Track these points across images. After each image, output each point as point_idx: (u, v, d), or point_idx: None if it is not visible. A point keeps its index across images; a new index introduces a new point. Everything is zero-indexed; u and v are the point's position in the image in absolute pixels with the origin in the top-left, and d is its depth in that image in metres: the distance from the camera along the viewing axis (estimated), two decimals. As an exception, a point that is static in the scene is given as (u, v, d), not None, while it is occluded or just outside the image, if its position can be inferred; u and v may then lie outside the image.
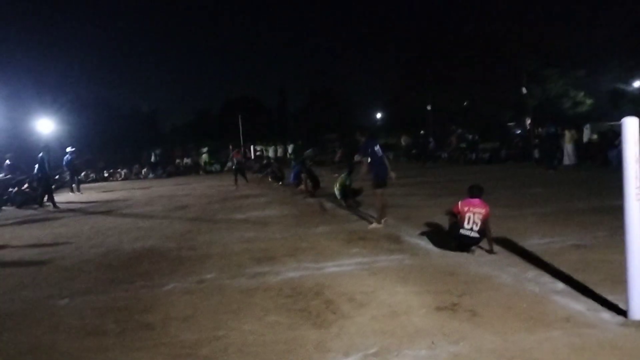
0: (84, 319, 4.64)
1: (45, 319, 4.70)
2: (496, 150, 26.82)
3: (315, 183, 14.46)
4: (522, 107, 30.48)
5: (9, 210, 15.15)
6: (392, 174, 8.63)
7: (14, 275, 6.59)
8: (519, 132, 33.39)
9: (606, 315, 4.03)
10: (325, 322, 4.20)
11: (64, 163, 20.69)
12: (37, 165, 15.12)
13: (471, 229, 6.14)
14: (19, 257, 7.77)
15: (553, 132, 20.75)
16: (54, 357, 3.78)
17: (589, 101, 30.19)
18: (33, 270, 6.76)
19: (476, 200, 6.30)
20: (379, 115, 51.62)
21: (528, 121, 29.29)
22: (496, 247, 6.34)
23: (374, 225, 8.52)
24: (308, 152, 21.50)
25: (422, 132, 31.70)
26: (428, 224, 8.38)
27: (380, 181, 8.47)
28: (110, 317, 4.63)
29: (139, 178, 30.19)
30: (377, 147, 8.54)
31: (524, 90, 26.88)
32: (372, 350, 3.59)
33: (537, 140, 24.42)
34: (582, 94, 30.09)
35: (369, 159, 8.43)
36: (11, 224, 11.91)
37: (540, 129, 27.02)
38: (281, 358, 3.54)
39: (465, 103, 37.29)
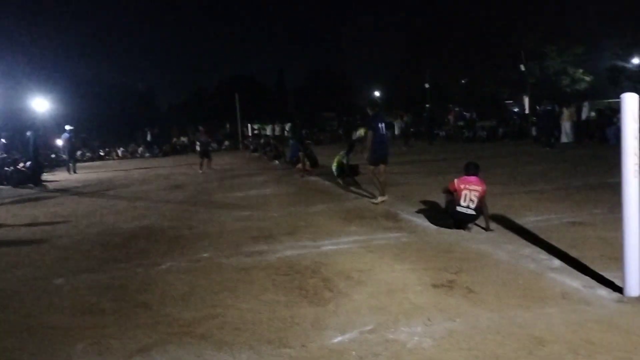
0: (81, 297, 4.63)
1: (42, 297, 4.70)
2: (494, 129, 26.74)
3: (313, 162, 14.44)
4: (521, 85, 30.28)
5: (5, 189, 15.10)
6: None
7: (10, 254, 6.57)
8: (516, 110, 33.23)
9: (602, 292, 4.04)
10: (322, 300, 4.21)
11: (63, 142, 20.59)
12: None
13: (467, 207, 6.14)
14: (15, 236, 7.75)
15: (551, 109, 20.68)
16: (51, 336, 3.77)
17: (587, 78, 29.98)
18: (29, 249, 6.75)
19: (473, 178, 6.29)
20: (377, 94, 51.29)
21: (526, 99, 29.16)
22: (493, 225, 6.34)
23: (380, 199, 8.51)
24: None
25: (427, 105, 30.57)
26: (425, 202, 8.38)
27: (376, 159, 8.45)
28: (106, 295, 4.63)
29: (135, 157, 30.09)
30: (381, 124, 8.52)
31: (522, 67, 26.69)
32: (369, 327, 3.60)
33: (534, 118, 24.34)
34: (580, 71, 29.89)
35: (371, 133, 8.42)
36: (7, 203, 11.87)
37: (538, 107, 26.92)
38: (278, 335, 3.55)
39: (463, 81, 37.05)
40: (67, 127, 20.40)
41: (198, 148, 16.97)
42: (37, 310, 4.35)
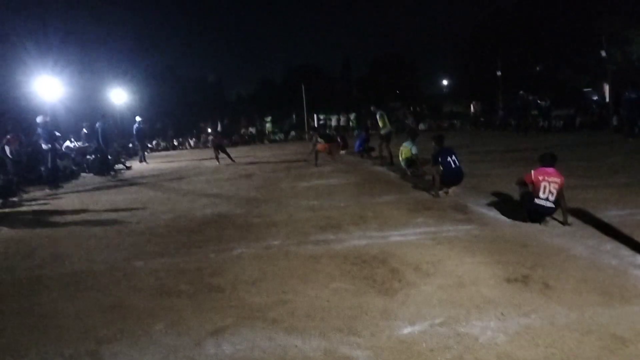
0: (159, 280, 4.87)
1: (124, 279, 4.98)
2: (570, 118, 25.40)
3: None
4: (600, 72, 28.55)
5: (88, 176, 16.06)
6: None
7: (94, 237, 7.00)
8: (595, 98, 31.36)
9: (693, 292, 3.77)
10: (390, 290, 4.20)
11: (134, 132, 21.46)
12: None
13: (547, 199, 5.89)
14: (98, 221, 8.23)
15: (635, 98, 19.35)
16: (132, 315, 4.00)
17: (676, 64, 27.86)
18: (111, 233, 7.16)
19: (551, 169, 6.02)
20: (445, 82, 50.19)
21: (606, 86, 27.45)
22: (571, 219, 6.06)
23: (442, 193, 8.34)
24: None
25: (520, 92, 27.92)
26: (497, 194, 8.12)
27: (446, 181, 8.32)
28: (183, 279, 4.84)
29: (206, 147, 31.02)
30: (451, 158, 8.17)
31: (603, 53, 25.10)
32: (439, 320, 3.55)
33: (617, 107, 22.89)
34: (668, 56, 27.83)
35: (441, 168, 8.20)
36: (90, 190, 12.63)
37: (622, 94, 25.24)
38: (347, 324, 3.57)
39: (537, 68, 35.46)
40: (137, 118, 21.23)
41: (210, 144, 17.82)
42: (120, 291, 4.62)
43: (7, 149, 13.08)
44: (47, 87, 16.08)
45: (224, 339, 3.47)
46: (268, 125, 35.93)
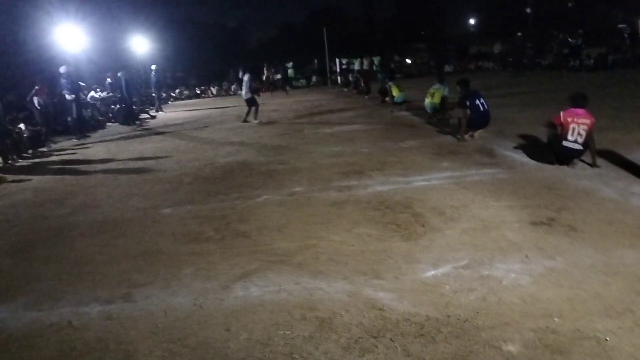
0: (187, 226, 4.98)
1: (153, 226, 5.11)
2: (602, 56, 24.39)
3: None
4: (637, 7, 27.10)
5: (113, 126, 16.24)
6: None
7: (122, 185, 7.15)
8: (628, 32, 29.72)
9: None
10: (414, 235, 4.22)
11: (152, 81, 21.36)
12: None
13: (575, 141, 5.76)
14: (125, 169, 8.39)
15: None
16: (162, 260, 4.13)
17: None
18: (138, 181, 7.30)
19: (581, 111, 5.85)
20: (472, 22, 48.44)
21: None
22: (600, 160, 5.94)
23: (467, 136, 8.23)
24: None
25: (580, 30, 25.33)
26: (524, 137, 7.97)
27: (474, 125, 8.16)
28: (210, 225, 4.94)
29: (228, 94, 30.90)
30: (479, 101, 8.03)
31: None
32: (463, 263, 3.57)
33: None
34: None
35: (468, 111, 8.06)
36: (116, 139, 12.80)
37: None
38: (371, 268, 3.62)
39: (569, 4, 33.87)
40: (152, 67, 21.09)
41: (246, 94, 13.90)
42: (149, 237, 4.75)
43: (35, 100, 13.23)
44: (69, 37, 15.98)
45: (251, 282, 3.56)
46: (290, 71, 35.41)
